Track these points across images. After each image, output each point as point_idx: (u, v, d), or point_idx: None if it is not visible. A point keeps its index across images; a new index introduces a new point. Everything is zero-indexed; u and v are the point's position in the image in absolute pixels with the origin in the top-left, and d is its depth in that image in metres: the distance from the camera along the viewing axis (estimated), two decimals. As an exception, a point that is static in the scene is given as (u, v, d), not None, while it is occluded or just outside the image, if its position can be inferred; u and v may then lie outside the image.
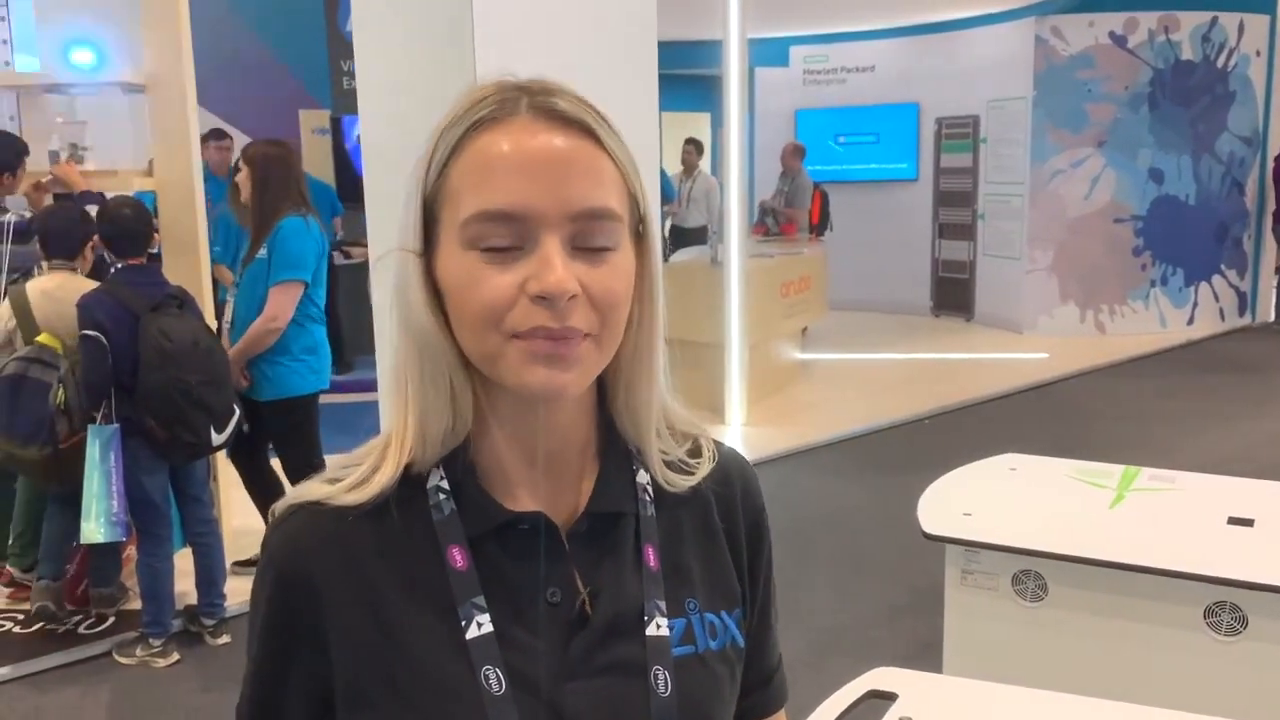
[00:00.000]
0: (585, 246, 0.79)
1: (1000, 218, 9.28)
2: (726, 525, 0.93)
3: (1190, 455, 5.33)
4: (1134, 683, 1.52)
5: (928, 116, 9.89)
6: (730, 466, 0.94)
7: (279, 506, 0.86)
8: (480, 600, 0.81)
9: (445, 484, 0.84)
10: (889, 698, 1.33)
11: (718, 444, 0.95)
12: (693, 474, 0.90)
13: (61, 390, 3.22)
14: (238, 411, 3.32)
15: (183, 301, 3.29)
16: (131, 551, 3.60)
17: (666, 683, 0.84)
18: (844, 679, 1.38)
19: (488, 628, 0.81)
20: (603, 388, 0.87)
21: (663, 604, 0.86)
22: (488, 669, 0.80)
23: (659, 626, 0.85)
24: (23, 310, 3.38)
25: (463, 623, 0.81)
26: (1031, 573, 1.77)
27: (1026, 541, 1.78)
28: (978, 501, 1.94)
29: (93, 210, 3.65)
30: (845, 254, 9.09)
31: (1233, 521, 1.81)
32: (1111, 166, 8.82)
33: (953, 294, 9.87)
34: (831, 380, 7.74)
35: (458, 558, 0.82)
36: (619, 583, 0.85)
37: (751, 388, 6.37)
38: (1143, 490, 1.98)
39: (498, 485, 0.85)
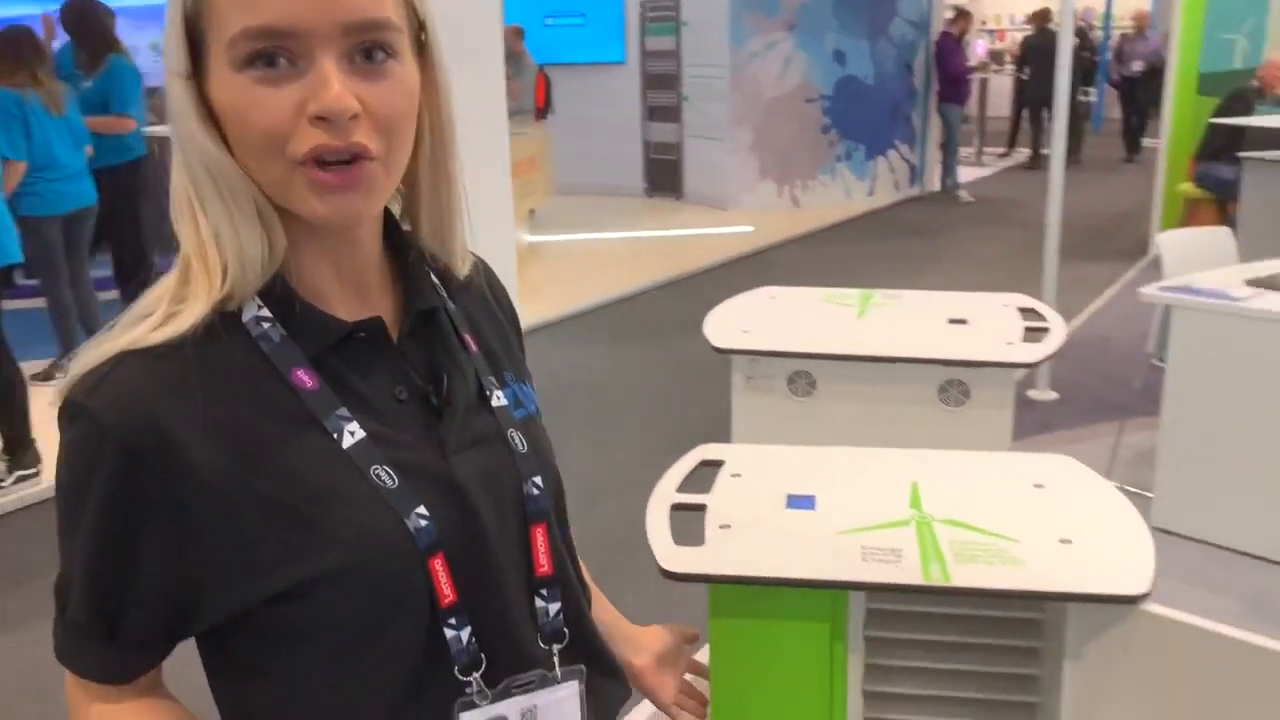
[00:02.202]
0: (363, 62, 0.75)
1: (704, 100, 9.75)
2: (500, 310, 1.00)
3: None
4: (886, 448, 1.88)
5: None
6: (478, 259, 0.99)
7: (76, 373, 0.78)
8: (343, 411, 0.81)
9: (265, 313, 0.81)
10: (717, 464, 1.61)
11: None
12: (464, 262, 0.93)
13: None
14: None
15: None
16: None
17: (521, 441, 0.90)
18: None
19: (361, 433, 0.81)
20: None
21: (493, 379, 0.92)
22: (375, 469, 0.81)
23: (499, 398, 0.91)
24: None
25: (334, 435, 0.80)
26: (803, 373, 2.10)
27: (797, 347, 2.11)
28: (751, 322, 2.25)
29: None
30: (561, 137, 9.26)
31: (952, 321, 2.22)
32: (801, 49, 9.47)
33: (663, 175, 10.31)
34: (561, 260, 8.00)
35: (305, 379, 0.80)
36: (456, 369, 0.89)
37: (485, 268, 6.50)
38: (879, 305, 2.37)
39: (317, 304, 0.83)
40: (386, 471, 0.81)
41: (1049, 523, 1.37)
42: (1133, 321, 5.98)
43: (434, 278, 0.91)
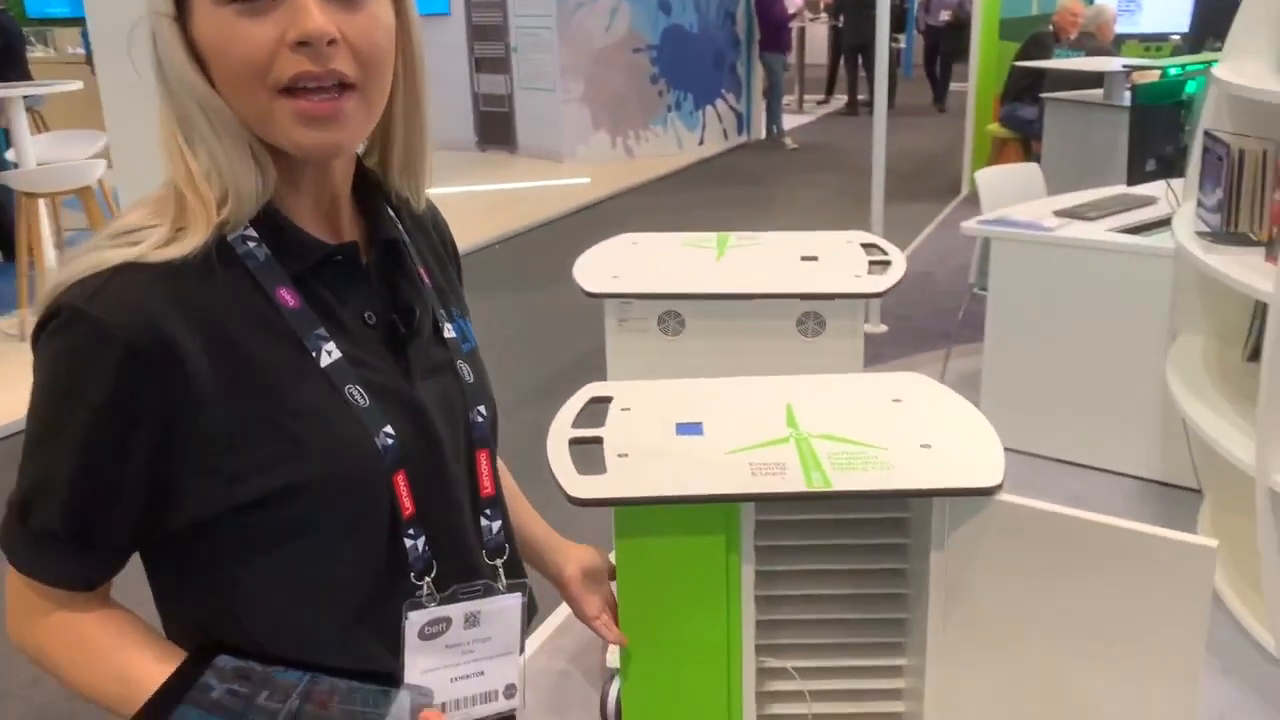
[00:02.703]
0: None
1: (533, 50, 9.70)
2: (444, 246, 1.08)
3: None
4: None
5: (455, -51, 9.98)
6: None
7: (60, 284, 0.80)
8: (322, 331, 0.87)
9: (252, 233, 0.85)
10: (606, 400, 1.71)
11: None
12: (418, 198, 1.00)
13: None
14: None
15: None
16: None
17: (469, 372, 0.99)
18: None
19: (337, 354, 0.87)
20: None
21: (443, 312, 1.00)
22: (350, 388, 0.87)
23: (449, 330, 0.99)
24: None
25: (313, 354, 0.86)
26: (672, 312, 2.22)
27: (665, 289, 2.22)
28: (618, 268, 2.34)
29: None
30: (389, 91, 9.07)
31: (804, 259, 2.38)
32: (627, -1, 9.56)
33: (495, 127, 10.24)
34: (397, 217, 7.90)
35: (288, 298, 0.85)
36: (417, 299, 0.96)
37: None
38: (736, 247, 2.50)
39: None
40: (359, 391, 0.88)
41: (910, 431, 1.53)
42: (952, 255, 6.38)
43: (391, 212, 0.97)
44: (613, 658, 2.55)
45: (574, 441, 1.56)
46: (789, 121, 11.38)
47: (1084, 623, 1.37)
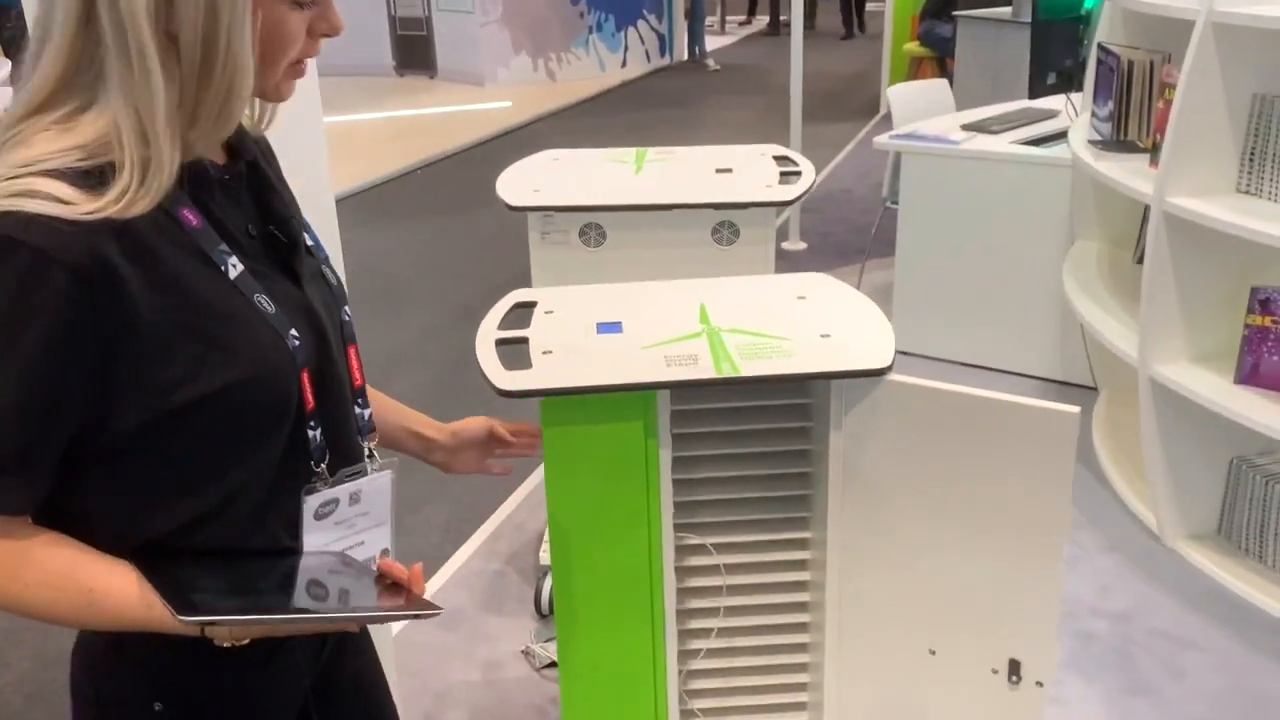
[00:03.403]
0: None
1: (450, -29, 9.56)
2: (273, 162, 1.13)
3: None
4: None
5: None
6: None
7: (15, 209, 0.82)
8: (224, 247, 0.93)
9: None
10: (531, 305, 1.81)
11: None
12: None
13: None
14: None
15: None
16: None
17: (332, 276, 1.09)
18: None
19: (240, 266, 0.94)
20: None
21: (301, 225, 1.07)
22: (257, 296, 0.95)
23: (309, 240, 1.07)
24: None
25: (221, 268, 0.93)
26: (593, 224, 2.31)
27: (585, 202, 2.31)
28: (539, 182, 2.42)
29: None
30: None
31: (718, 171, 2.48)
32: (545, -82, 9.41)
33: (414, 51, 10.08)
34: (317, 143, 7.79)
35: (191, 218, 0.92)
36: (284, 211, 1.04)
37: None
38: (653, 161, 2.59)
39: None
40: (265, 299, 0.96)
41: (811, 324, 1.66)
42: (871, 173, 6.54)
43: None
44: (545, 556, 2.69)
45: (500, 342, 1.66)
46: (711, 43, 11.38)
47: (965, 490, 1.53)
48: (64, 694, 1.04)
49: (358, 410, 1.11)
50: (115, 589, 0.91)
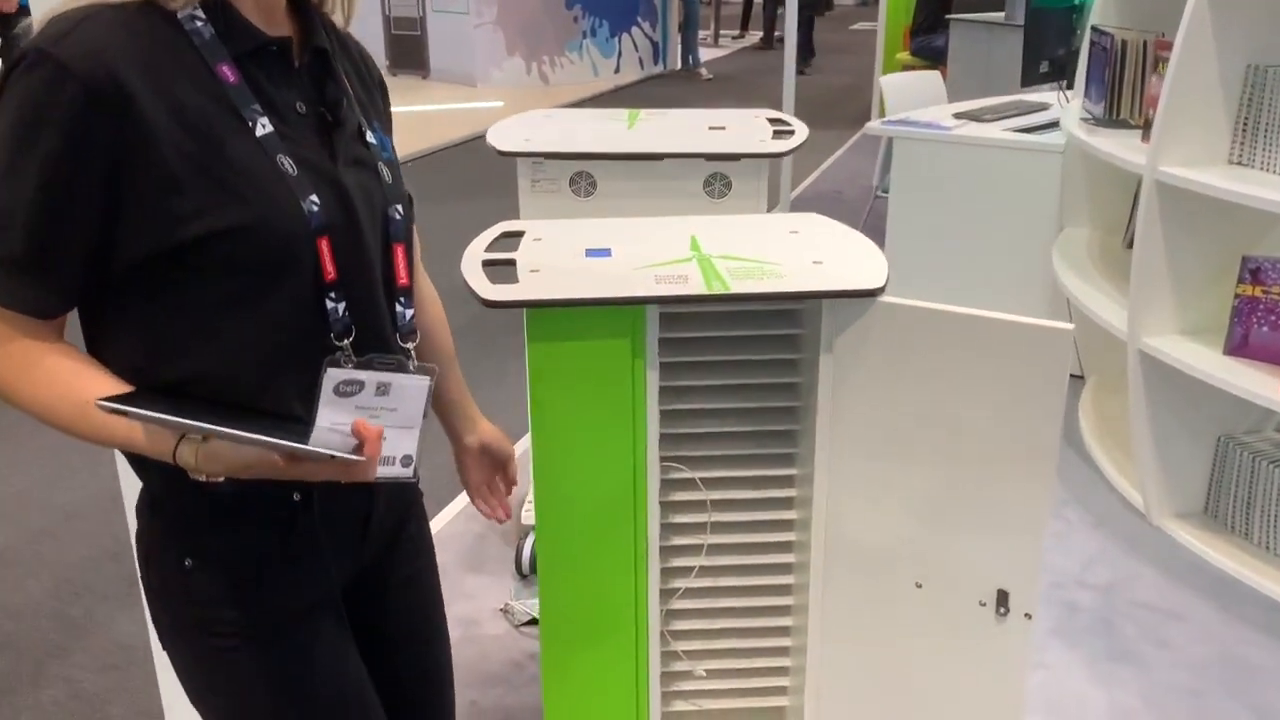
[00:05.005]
0: None
1: (444, -29, 9.57)
2: (370, 76, 1.18)
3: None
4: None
5: None
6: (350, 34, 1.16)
7: (42, 24, 0.89)
8: (257, 107, 0.96)
9: (200, 13, 0.94)
10: (519, 234, 1.78)
11: None
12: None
13: None
14: None
15: None
16: None
17: (388, 175, 1.09)
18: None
19: (270, 127, 0.96)
20: None
21: (365, 120, 1.09)
22: (280, 157, 0.96)
23: (371, 135, 1.09)
24: None
25: (249, 123, 0.95)
26: (584, 173, 2.29)
27: (577, 149, 2.29)
28: (531, 134, 2.40)
29: None
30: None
31: (712, 128, 2.46)
32: (542, -79, 9.44)
33: (407, 50, 10.09)
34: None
35: (228, 74, 0.95)
36: (337, 95, 1.05)
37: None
38: (646, 120, 2.58)
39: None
40: (289, 161, 0.97)
41: (804, 252, 1.64)
42: (860, 176, 6.55)
43: (321, 28, 1.07)
44: (528, 515, 2.65)
45: (487, 263, 1.63)
46: (705, 54, 11.42)
47: (954, 414, 1.50)
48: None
49: (399, 309, 1.10)
50: None
